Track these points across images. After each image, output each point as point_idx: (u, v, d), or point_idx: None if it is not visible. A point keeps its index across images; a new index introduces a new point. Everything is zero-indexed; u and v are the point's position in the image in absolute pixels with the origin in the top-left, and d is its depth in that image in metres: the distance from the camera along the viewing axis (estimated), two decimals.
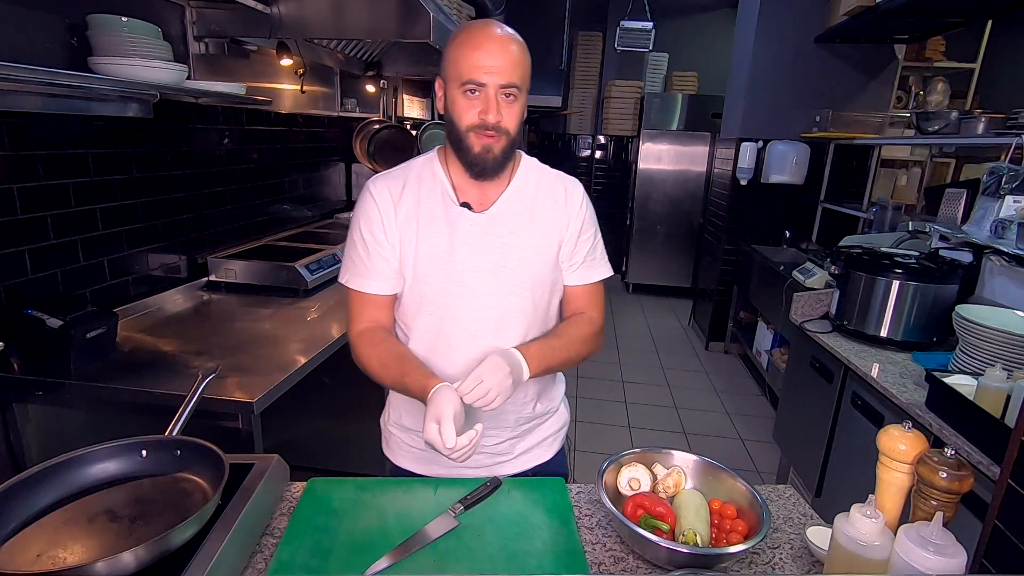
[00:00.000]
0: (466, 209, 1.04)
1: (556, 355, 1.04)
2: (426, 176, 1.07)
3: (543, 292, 1.09)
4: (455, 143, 1.01)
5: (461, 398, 0.91)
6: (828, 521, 0.91)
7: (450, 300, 1.04)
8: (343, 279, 1.09)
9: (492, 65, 0.93)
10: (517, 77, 0.96)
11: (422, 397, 0.94)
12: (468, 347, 1.05)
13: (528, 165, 1.11)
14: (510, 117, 0.98)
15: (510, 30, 0.98)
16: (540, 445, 1.19)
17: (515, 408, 1.12)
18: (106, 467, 0.88)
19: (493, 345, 1.04)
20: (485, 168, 1.00)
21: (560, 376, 1.24)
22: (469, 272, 1.04)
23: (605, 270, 1.15)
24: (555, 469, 1.21)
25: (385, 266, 1.05)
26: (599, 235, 1.15)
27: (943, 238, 2.20)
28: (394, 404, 1.19)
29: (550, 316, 1.14)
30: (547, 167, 1.14)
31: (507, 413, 1.11)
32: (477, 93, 0.95)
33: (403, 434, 1.17)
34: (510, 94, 0.96)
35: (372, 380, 1.05)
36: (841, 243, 2.71)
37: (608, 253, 1.17)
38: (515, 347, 1.00)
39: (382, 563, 0.83)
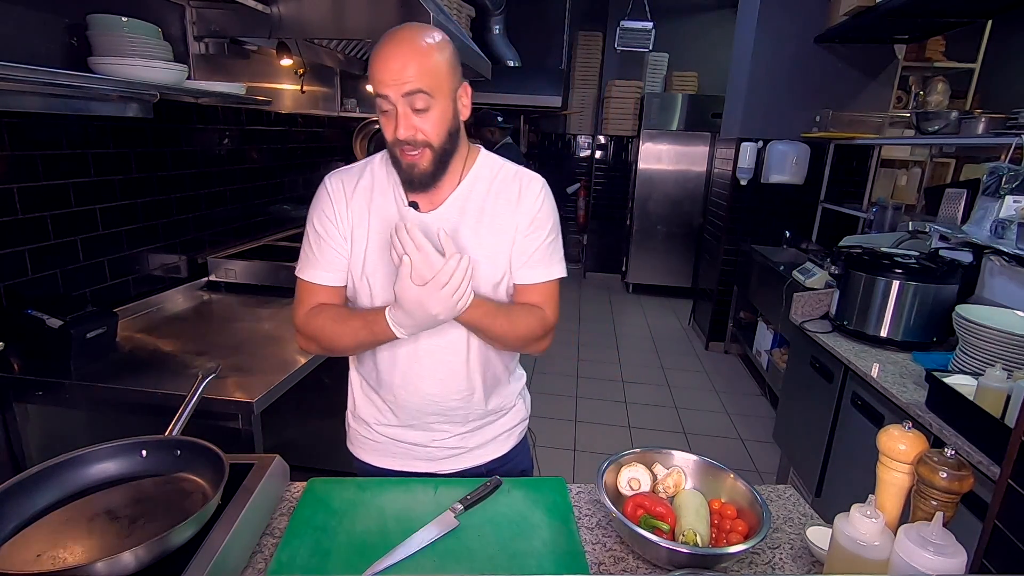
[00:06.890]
0: (412, 209, 1.03)
1: (497, 319, 1.01)
2: (381, 174, 1.06)
3: (487, 292, 1.06)
4: (391, 155, 0.99)
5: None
6: (828, 521, 0.92)
7: (393, 296, 1.04)
8: (296, 271, 1.09)
9: (391, 73, 0.87)
10: (424, 82, 0.88)
11: (386, 331, 0.95)
12: (411, 342, 1.04)
13: (483, 163, 1.07)
14: (427, 127, 0.92)
15: (422, 27, 0.91)
16: (495, 440, 1.19)
17: (464, 406, 1.11)
18: (106, 467, 0.88)
19: (436, 342, 1.05)
20: (413, 181, 0.98)
21: (518, 373, 1.22)
22: None
23: (557, 270, 1.10)
24: (516, 463, 1.22)
25: (334, 257, 1.05)
26: (556, 234, 1.09)
27: (943, 238, 2.20)
28: (350, 395, 1.19)
29: None
30: (508, 163, 1.09)
31: (456, 411, 1.11)
32: (389, 109, 0.91)
33: (359, 426, 1.18)
34: (417, 103, 0.89)
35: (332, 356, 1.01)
36: (841, 243, 2.70)
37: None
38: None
39: (382, 563, 0.83)
